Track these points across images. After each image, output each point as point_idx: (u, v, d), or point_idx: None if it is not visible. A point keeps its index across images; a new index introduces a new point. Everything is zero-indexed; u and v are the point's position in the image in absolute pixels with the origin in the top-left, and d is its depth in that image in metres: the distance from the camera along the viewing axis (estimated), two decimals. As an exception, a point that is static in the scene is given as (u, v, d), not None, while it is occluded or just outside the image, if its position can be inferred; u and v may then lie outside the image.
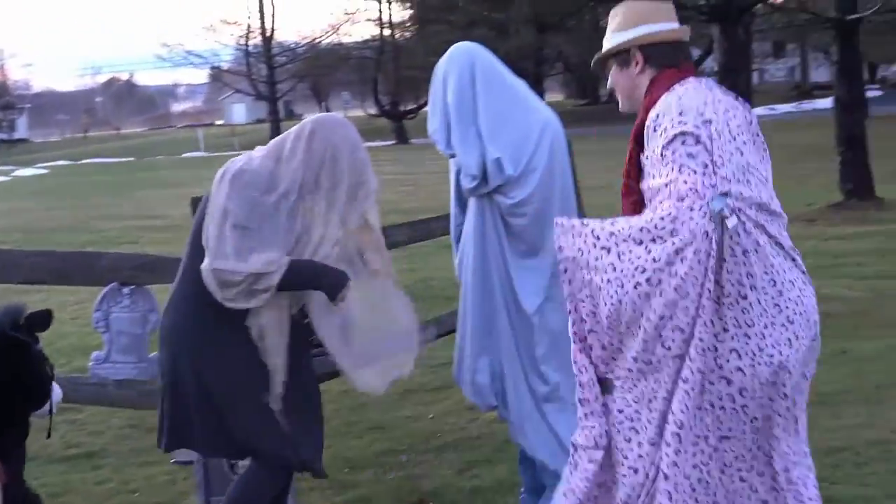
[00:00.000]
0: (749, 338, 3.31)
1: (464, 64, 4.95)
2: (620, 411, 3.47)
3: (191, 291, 4.11)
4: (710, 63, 16.04)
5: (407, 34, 62.49)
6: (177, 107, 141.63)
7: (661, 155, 3.38)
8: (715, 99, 3.48)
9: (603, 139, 32.81)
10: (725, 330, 3.32)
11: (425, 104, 7.49)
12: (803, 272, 3.49)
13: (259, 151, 4.33)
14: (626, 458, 3.47)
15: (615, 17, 3.78)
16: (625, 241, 3.34)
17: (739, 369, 3.32)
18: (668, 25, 3.71)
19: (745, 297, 3.30)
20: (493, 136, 4.84)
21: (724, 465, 3.44)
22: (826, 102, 37.10)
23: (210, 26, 65.29)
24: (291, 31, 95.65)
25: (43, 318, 4.06)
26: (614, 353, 3.45)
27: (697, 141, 3.32)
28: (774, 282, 3.35)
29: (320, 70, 69.29)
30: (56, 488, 5.79)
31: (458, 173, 5.00)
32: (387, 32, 61.20)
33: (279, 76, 66.26)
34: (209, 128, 74.20)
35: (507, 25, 53.52)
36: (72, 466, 6.25)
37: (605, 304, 3.39)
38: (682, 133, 3.34)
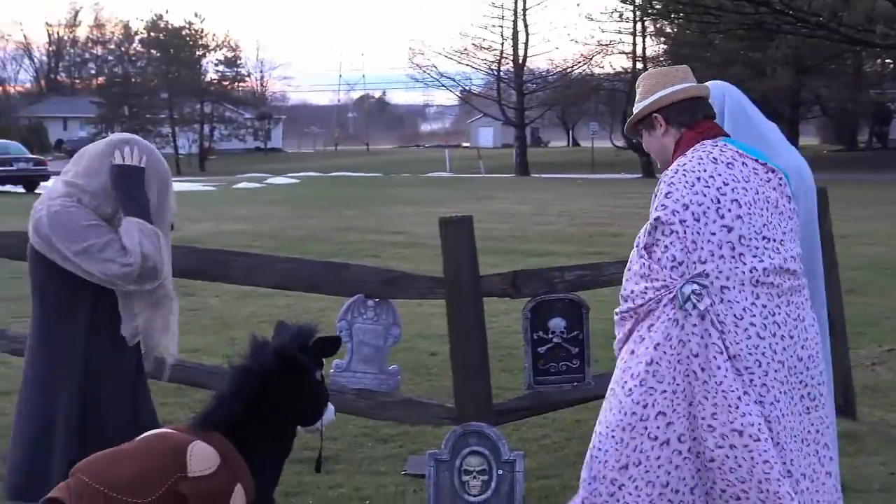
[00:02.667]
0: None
1: (714, 102, 4.93)
2: None
3: None
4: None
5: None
6: (425, 127, 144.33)
7: (648, 234, 3.83)
8: (713, 173, 3.82)
9: (859, 186, 31.84)
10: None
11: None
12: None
13: None
14: None
15: (638, 87, 4.19)
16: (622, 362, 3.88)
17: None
18: (680, 86, 4.06)
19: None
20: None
21: None
22: None
23: (464, 50, 66.36)
24: (543, 59, 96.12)
25: (332, 345, 4.12)
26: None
27: (671, 231, 3.76)
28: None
29: (570, 99, 69.52)
30: (290, 488, 5.99)
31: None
32: (639, 66, 60.89)
33: (528, 103, 66.80)
34: (456, 149, 75.32)
35: (764, 65, 52.48)
36: (306, 468, 6.43)
37: (609, 412, 3.83)
38: (658, 219, 3.80)
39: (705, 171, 3.82)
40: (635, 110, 4.15)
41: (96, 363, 4.32)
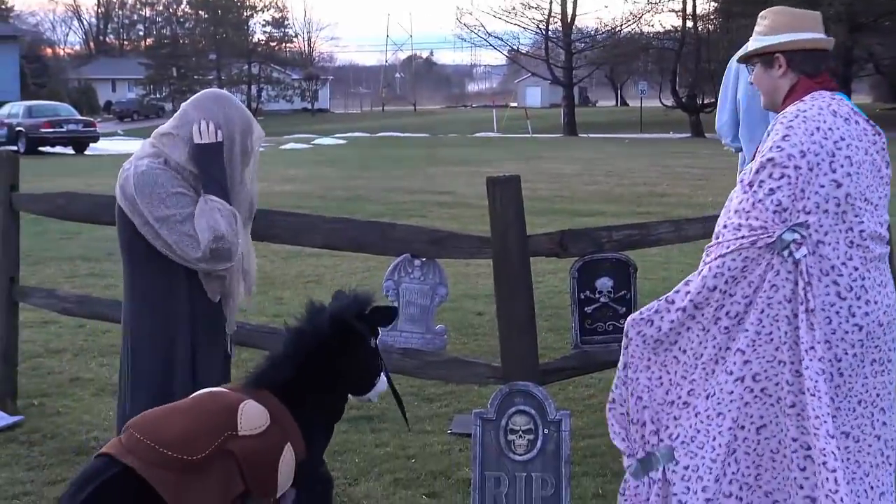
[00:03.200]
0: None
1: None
2: (686, 467, 3.84)
3: None
4: None
5: (710, 27, 61.47)
6: (472, 87, 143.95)
7: (753, 173, 3.76)
8: (833, 125, 3.75)
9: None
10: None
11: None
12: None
13: None
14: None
15: (763, 20, 4.10)
16: (699, 292, 3.80)
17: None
18: (813, 35, 4.00)
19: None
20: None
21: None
22: None
23: (511, 9, 66.05)
24: (592, 17, 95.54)
25: (388, 314, 4.17)
26: (678, 409, 3.90)
27: (782, 175, 3.68)
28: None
29: (618, 58, 69.12)
30: (336, 446, 6.03)
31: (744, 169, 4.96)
32: (689, 24, 60.36)
33: (576, 62, 66.41)
34: (503, 109, 75.08)
35: (817, 22, 51.82)
36: (352, 426, 6.50)
37: (695, 342, 3.85)
38: (771, 160, 3.72)
39: (825, 122, 3.77)
40: (754, 42, 4.07)
41: (195, 315, 4.39)
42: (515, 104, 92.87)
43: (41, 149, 41.09)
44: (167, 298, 4.40)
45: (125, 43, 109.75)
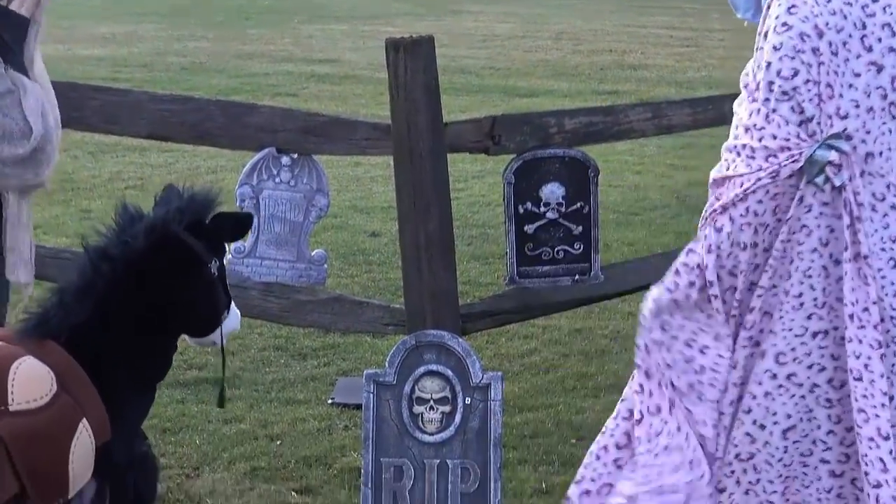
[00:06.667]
0: None
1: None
2: None
3: None
4: None
5: None
6: None
7: (760, 71, 3.60)
8: None
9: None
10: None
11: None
12: None
13: None
14: None
15: None
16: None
17: None
18: None
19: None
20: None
21: None
22: None
23: None
24: None
25: (238, 225, 4.08)
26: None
27: (795, 69, 3.52)
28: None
29: None
30: (167, 422, 6.02)
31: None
32: None
33: None
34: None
35: None
36: (191, 394, 6.48)
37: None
38: (778, 48, 3.54)
39: None
40: None
41: None
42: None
43: None
44: None
45: None
